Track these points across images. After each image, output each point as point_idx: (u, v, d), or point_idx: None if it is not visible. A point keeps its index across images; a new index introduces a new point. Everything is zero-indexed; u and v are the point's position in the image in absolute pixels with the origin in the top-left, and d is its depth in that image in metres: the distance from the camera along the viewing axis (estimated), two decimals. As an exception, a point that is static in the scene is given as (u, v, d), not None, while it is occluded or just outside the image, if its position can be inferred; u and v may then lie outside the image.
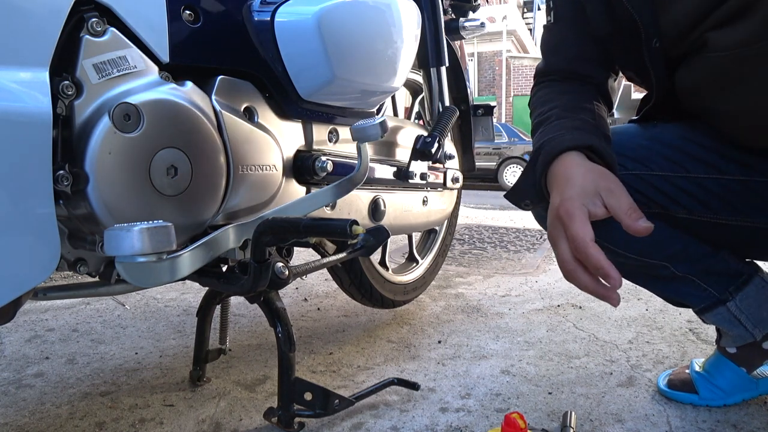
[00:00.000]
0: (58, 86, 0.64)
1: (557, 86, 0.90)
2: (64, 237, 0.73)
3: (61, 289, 0.86)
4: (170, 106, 0.74)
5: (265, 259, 0.80)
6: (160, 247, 0.61)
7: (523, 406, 1.00)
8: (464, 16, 1.62)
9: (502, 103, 18.32)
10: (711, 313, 0.91)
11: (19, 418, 0.99)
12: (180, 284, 1.91)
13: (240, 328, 1.48)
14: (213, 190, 0.81)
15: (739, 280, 0.89)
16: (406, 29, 1.06)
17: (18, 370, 1.21)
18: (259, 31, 0.89)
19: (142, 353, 1.30)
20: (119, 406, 1.02)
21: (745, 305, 0.89)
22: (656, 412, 0.97)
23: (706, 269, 0.89)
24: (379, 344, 1.33)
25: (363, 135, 0.91)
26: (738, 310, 0.89)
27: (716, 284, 0.89)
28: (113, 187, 0.68)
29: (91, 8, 0.68)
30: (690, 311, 1.51)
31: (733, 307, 0.89)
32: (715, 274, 0.89)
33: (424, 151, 1.20)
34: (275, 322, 0.90)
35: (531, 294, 1.80)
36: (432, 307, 1.65)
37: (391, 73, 1.05)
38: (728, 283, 0.89)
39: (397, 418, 0.96)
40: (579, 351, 1.26)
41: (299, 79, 0.92)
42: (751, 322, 0.90)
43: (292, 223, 0.62)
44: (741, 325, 0.90)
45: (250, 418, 0.97)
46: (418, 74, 1.51)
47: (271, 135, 0.91)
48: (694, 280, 0.89)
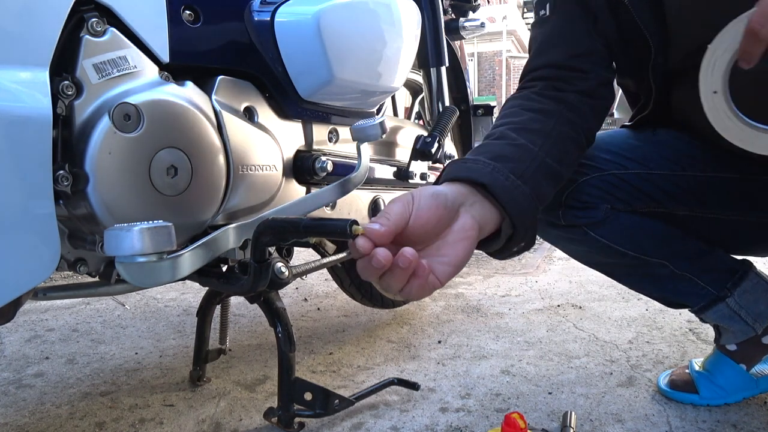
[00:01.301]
0: (58, 86, 0.64)
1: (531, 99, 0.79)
2: (64, 237, 0.73)
3: (61, 289, 0.86)
4: (170, 106, 0.74)
5: (265, 259, 0.80)
6: (160, 247, 0.61)
7: (523, 406, 1.00)
8: (464, 16, 1.63)
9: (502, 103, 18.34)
10: (711, 310, 0.91)
11: (19, 418, 0.99)
12: (180, 284, 1.91)
13: (240, 328, 1.48)
14: (213, 190, 0.81)
15: (735, 276, 0.90)
16: (406, 29, 1.06)
17: (18, 370, 1.21)
18: (259, 31, 0.89)
19: (142, 353, 1.30)
20: (119, 406, 1.02)
21: (744, 300, 0.90)
22: (656, 412, 0.97)
23: (704, 267, 0.89)
24: (379, 344, 1.33)
25: (363, 135, 0.91)
26: (737, 305, 0.90)
27: (714, 281, 0.90)
28: (113, 187, 0.68)
29: (91, 8, 0.68)
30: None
31: (733, 303, 0.90)
32: (712, 271, 0.90)
33: (424, 151, 1.20)
34: (275, 322, 0.90)
35: (531, 294, 1.80)
36: (432, 307, 1.65)
37: (391, 73, 1.05)
38: (726, 279, 0.90)
39: (397, 418, 0.96)
40: (579, 351, 1.26)
41: (299, 79, 0.92)
42: (751, 317, 0.91)
43: (292, 223, 0.61)
44: (742, 320, 0.91)
45: (250, 418, 0.97)
46: (418, 74, 1.51)
47: (271, 135, 0.91)
48: (692, 279, 0.89)
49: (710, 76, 0.60)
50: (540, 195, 0.68)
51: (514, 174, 0.65)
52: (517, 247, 0.66)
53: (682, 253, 0.88)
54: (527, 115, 0.75)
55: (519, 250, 0.68)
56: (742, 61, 0.56)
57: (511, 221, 0.63)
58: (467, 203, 0.60)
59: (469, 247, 0.58)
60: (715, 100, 0.61)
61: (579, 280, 1.95)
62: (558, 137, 0.73)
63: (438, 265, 0.56)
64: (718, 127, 0.62)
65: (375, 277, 0.52)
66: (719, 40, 0.59)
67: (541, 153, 0.70)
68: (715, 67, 0.60)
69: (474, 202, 0.61)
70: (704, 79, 0.61)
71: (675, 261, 0.88)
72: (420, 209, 0.55)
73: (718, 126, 0.62)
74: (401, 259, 0.50)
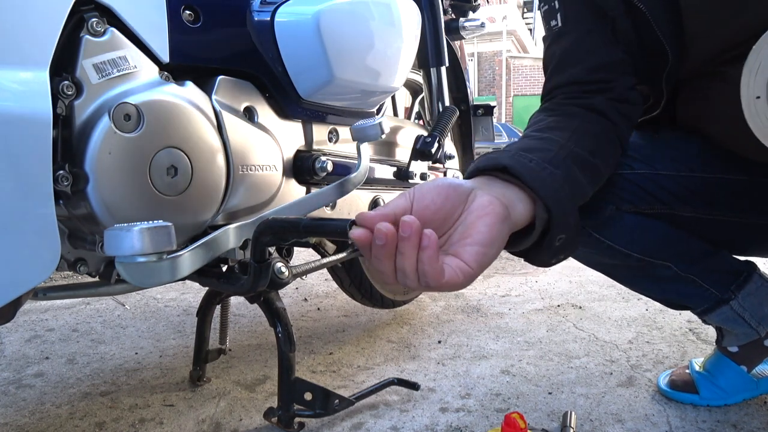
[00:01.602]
0: (58, 86, 0.64)
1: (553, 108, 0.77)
2: (64, 237, 0.73)
3: (61, 289, 0.86)
4: (170, 106, 0.74)
5: (265, 259, 0.80)
6: (160, 247, 0.61)
7: (523, 406, 1.00)
8: (464, 16, 1.62)
9: (502, 103, 18.33)
10: (714, 313, 0.90)
11: (19, 418, 0.99)
12: (180, 284, 1.91)
13: (240, 328, 1.48)
14: (213, 190, 0.81)
15: (740, 279, 0.89)
16: (406, 29, 1.06)
17: (18, 370, 1.21)
18: (259, 31, 0.89)
19: (142, 353, 1.30)
20: (119, 406, 1.02)
21: (748, 303, 0.89)
22: (656, 412, 0.96)
23: (708, 268, 0.89)
24: (379, 344, 1.33)
25: (363, 135, 0.91)
26: (741, 308, 0.89)
27: (718, 283, 0.89)
28: (113, 187, 0.68)
29: (91, 8, 0.68)
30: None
31: (737, 306, 0.89)
32: (716, 272, 0.89)
33: (424, 151, 1.20)
34: (275, 322, 0.90)
35: (531, 294, 1.80)
36: (432, 307, 1.65)
37: (391, 73, 1.05)
38: (730, 281, 0.89)
39: (397, 418, 0.96)
40: (579, 351, 1.26)
41: (299, 79, 0.92)
42: (755, 320, 0.90)
43: (292, 223, 0.61)
44: (745, 323, 0.90)
45: (250, 418, 0.97)
46: (418, 74, 1.51)
47: (271, 135, 0.91)
48: (696, 280, 0.88)
49: (753, 81, 0.57)
50: (575, 182, 0.62)
51: (542, 159, 0.60)
52: (560, 241, 0.60)
53: (686, 255, 0.87)
54: (551, 118, 0.72)
55: (563, 247, 0.60)
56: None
57: (544, 203, 0.56)
58: (484, 187, 0.55)
59: (493, 222, 0.50)
60: (758, 105, 0.58)
61: (579, 280, 1.95)
62: (586, 132, 0.69)
63: (462, 248, 0.49)
64: (760, 135, 0.58)
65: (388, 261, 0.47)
66: (762, 42, 0.56)
67: (570, 143, 0.65)
68: (759, 71, 0.57)
69: (493, 185, 0.56)
70: (746, 84, 0.58)
71: (679, 262, 0.87)
72: (422, 192, 0.50)
73: (760, 133, 0.58)
74: (403, 227, 0.44)
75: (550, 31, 0.80)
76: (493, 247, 0.50)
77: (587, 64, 0.76)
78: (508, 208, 0.53)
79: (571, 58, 0.78)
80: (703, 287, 0.89)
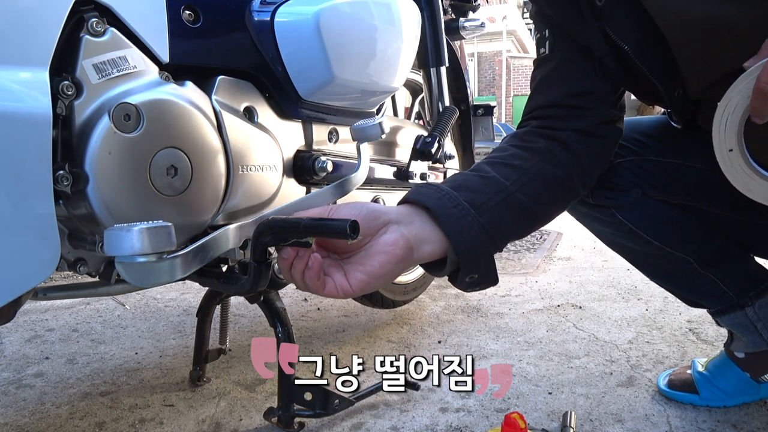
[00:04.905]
0: (58, 86, 0.64)
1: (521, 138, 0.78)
2: (64, 237, 0.73)
3: (61, 289, 0.86)
4: (170, 106, 0.74)
5: (265, 259, 0.80)
6: (160, 247, 0.60)
7: (523, 406, 1.00)
8: (464, 16, 1.62)
9: (502, 103, 18.34)
10: (727, 316, 0.89)
11: (19, 418, 0.99)
12: (180, 284, 1.91)
13: (240, 328, 1.48)
14: (213, 190, 0.81)
15: (761, 287, 0.87)
16: (406, 29, 1.06)
17: (18, 370, 1.21)
18: (258, 31, 0.89)
19: (142, 353, 1.30)
20: (119, 406, 1.02)
21: (764, 312, 0.87)
22: (656, 412, 0.96)
23: (729, 271, 0.87)
24: (379, 344, 1.33)
25: (363, 135, 0.91)
26: (756, 316, 0.87)
27: (736, 287, 0.87)
28: (113, 187, 0.68)
29: (91, 8, 0.68)
30: (691, 311, 1.51)
31: (751, 313, 0.87)
32: (737, 276, 0.87)
33: (424, 151, 1.20)
34: (275, 322, 0.90)
35: (531, 294, 1.79)
36: (432, 307, 1.65)
37: (391, 73, 1.05)
38: (749, 288, 0.87)
39: (397, 418, 0.96)
40: (579, 351, 1.26)
41: (299, 79, 0.92)
42: (767, 330, 0.88)
43: (292, 223, 0.61)
44: (756, 332, 0.89)
45: (250, 418, 0.97)
46: (418, 74, 1.51)
47: (271, 135, 0.91)
48: (714, 280, 0.87)
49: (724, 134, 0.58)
50: (499, 230, 0.65)
51: (470, 203, 0.64)
52: (471, 279, 0.65)
53: (709, 253, 0.85)
54: (511, 151, 0.74)
55: (474, 283, 0.66)
56: (756, 118, 0.55)
57: (455, 249, 0.62)
58: (404, 222, 0.61)
59: (387, 261, 0.58)
60: (732, 158, 0.58)
61: (579, 280, 1.95)
62: (538, 175, 0.71)
63: (354, 272, 0.58)
64: (739, 186, 0.59)
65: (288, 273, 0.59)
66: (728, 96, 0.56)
67: (512, 187, 0.68)
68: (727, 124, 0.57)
69: (413, 222, 0.61)
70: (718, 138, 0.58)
71: (700, 259, 0.85)
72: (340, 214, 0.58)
73: (739, 185, 0.59)
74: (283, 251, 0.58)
75: (537, 56, 0.83)
76: (379, 280, 0.59)
77: (563, 89, 0.78)
78: (413, 249, 0.60)
79: (550, 81, 0.80)
80: (721, 288, 0.87)
